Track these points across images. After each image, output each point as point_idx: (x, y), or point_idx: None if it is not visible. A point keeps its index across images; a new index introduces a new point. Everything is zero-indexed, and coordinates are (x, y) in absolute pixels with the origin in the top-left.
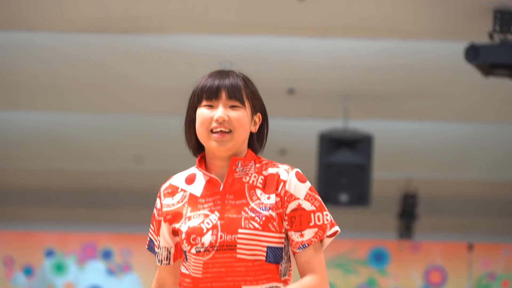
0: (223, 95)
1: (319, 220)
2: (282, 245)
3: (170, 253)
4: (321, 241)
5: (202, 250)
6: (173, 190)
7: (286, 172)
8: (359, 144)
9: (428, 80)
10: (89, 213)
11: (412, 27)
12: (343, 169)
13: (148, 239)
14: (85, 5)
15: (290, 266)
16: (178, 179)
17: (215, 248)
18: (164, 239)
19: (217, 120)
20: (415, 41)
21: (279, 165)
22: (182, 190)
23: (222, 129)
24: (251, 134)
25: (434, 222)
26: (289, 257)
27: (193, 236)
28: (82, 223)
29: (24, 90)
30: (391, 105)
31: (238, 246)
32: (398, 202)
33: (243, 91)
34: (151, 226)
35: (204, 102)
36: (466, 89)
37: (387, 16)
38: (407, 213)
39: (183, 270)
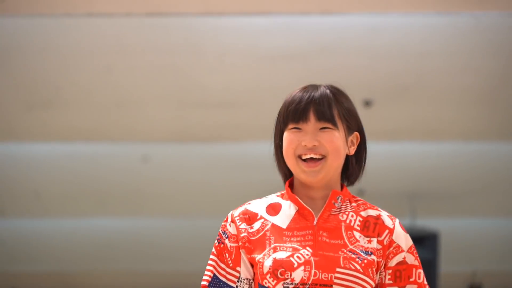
0: (312, 116)
1: (419, 278)
2: None
3: (251, 287)
4: None
5: (291, 287)
6: (251, 217)
7: (390, 220)
8: (426, 240)
9: (489, 178)
10: None
11: (473, 129)
12: None
13: (210, 274)
14: (165, 117)
15: None
16: (256, 206)
17: (307, 287)
18: (247, 269)
19: (306, 145)
20: (476, 143)
21: (379, 208)
22: (262, 218)
23: (313, 155)
24: (348, 157)
25: None
26: None
27: (282, 269)
28: None
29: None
30: (455, 202)
31: (334, 287)
32: None
33: (334, 110)
34: (215, 259)
35: (291, 125)
36: None
37: (449, 119)
38: None
39: None
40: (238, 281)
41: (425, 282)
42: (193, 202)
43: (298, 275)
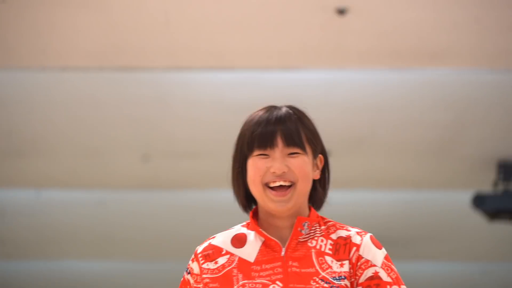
0: (280, 142)
1: None
2: None
3: None
4: None
5: None
6: (215, 252)
7: (359, 236)
8: None
9: (439, 224)
10: None
11: (423, 178)
12: None
13: None
14: (133, 165)
15: None
16: (220, 240)
17: None
18: None
19: (274, 172)
20: (426, 191)
21: (349, 227)
22: (228, 253)
23: (282, 183)
24: (313, 181)
25: None
26: None
27: None
28: None
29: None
30: (406, 248)
31: None
32: None
33: (302, 134)
34: None
35: (257, 151)
36: (472, 231)
37: (401, 169)
38: None
39: None
40: None
41: None
42: (160, 246)
43: None
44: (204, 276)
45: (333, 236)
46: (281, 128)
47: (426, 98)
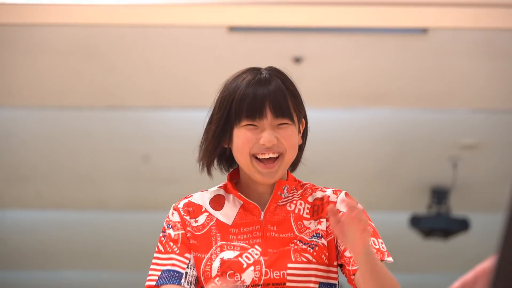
0: (269, 113)
1: (375, 244)
2: (336, 282)
3: (196, 283)
4: None
5: None
6: (196, 209)
7: (334, 194)
8: None
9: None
10: None
11: (369, 202)
12: None
13: (157, 273)
14: (122, 189)
15: None
16: (199, 199)
17: (259, 287)
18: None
19: (264, 144)
20: (371, 213)
21: (324, 188)
22: (206, 211)
23: (271, 155)
24: None
25: None
26: None
27: (230, 272)
28: None
29: None
30: None
31: (288, 284)
32: None
33: (290, 104)
34: (160, 256)
35: (245, 122)
36: (410, 246)
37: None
38: None
39: None
40: (187, 268)
41: (383, 249)
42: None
43: (248, 276)
44: (187, 228)
45: (310, 199)
46: (271, 99)
47: (371, 133)
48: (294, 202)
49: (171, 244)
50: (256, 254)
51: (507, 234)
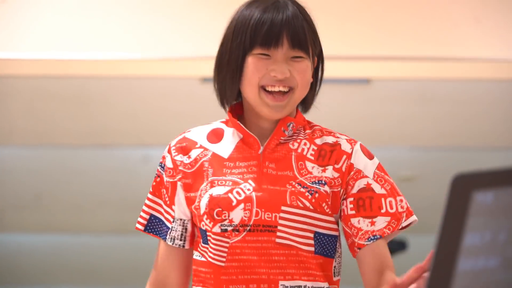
0: (286, 42)
1: (391, 208)
2: (337, 233)
3: (186, 230)
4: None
5: (229, 229)
6: (189, 145)
7: (349, 143)
8: None
9: None
10: None
11: None
12: None
13: (146, 216)
14: (108, 216)
15: (341, 264)
16: (196, 133)
17: (248, 228)
18: (180, 209)
19: (275, 76)
20: None
21: (338, 133)
22: (201, 147)
23: (281, 88)
24: None
25: None
26: (341, 253)
27: (218, 209)
28: None
29: None
30: None
31: (279, 228)
32: None
33: (307, 36)
34: (152, 197)
35: (258, 50)
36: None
37: None
38: None
39: (198, 257)
40: (173, 222)
41: (401, 210)
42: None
43: (237, 215)
44: (179, 169)
45: (318, 141)
46: (288, 28)
47: None
48: (298, 141)
49: (164, 191)
50: (248, 190)
51: (438, 252)
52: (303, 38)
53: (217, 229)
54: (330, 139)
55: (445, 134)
